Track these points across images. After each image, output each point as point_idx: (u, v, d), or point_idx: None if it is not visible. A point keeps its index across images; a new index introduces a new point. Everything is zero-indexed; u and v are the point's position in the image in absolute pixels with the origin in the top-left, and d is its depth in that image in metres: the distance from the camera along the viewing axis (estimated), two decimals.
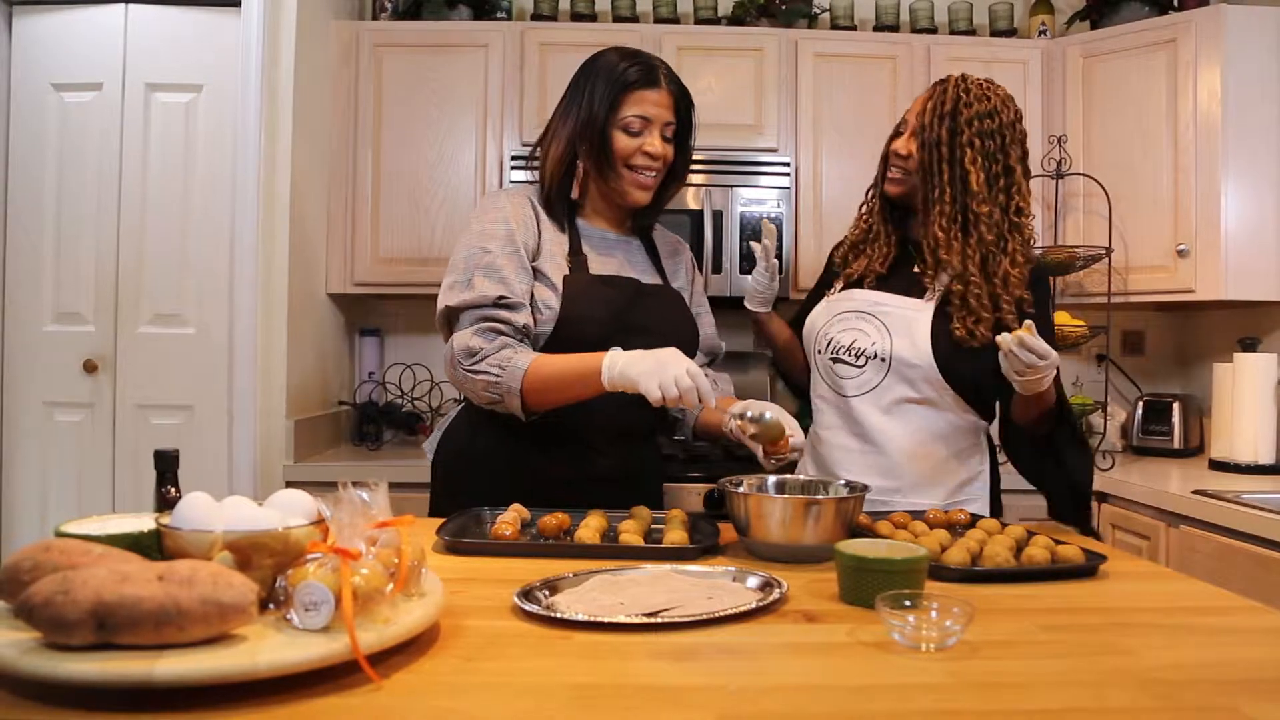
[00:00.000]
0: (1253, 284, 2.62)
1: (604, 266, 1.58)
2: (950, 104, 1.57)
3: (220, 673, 0.69)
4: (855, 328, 1.64)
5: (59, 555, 0.80)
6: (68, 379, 2.70)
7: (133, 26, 2.69)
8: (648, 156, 1.54)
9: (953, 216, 1.56)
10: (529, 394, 1.42)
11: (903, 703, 0.74)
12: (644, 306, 1.57)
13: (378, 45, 2.81)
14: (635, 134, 1.53)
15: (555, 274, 1.52)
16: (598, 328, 1.50)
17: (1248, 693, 0.77)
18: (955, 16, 3.10)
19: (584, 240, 1.60)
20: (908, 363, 1.58)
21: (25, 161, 2.71)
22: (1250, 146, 2.60)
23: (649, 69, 1.54)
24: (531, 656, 0.84)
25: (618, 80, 1.52)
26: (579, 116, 1.54)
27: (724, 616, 0.94)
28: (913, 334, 1.59)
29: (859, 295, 1.67)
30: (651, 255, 1.68)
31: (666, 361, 1.31)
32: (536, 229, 1.55)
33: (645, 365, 1.32)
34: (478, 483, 1.55)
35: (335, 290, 2.83)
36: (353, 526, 0.83)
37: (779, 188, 2.77)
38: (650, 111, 1.53)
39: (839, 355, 1.64)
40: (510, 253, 1.50)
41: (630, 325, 1.52)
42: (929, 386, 1.58)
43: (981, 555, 1.19)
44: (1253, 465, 2.49)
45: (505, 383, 1.41)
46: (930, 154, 1.58)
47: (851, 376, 1.62)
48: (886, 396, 1.60)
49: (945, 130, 1.56)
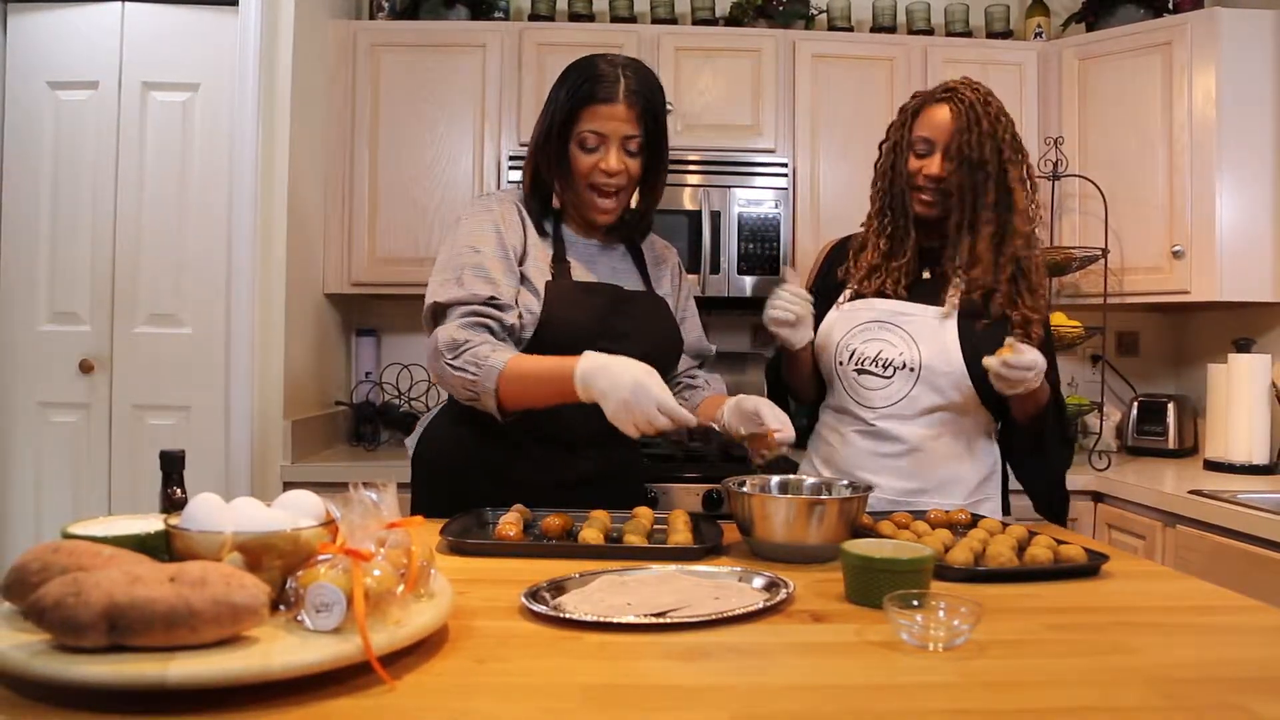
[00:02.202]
0: (1247, 285, 2.63)
1: (587, 273, 1.58)
2: (986, 122, 1.54)
3: (235, 674, 0.69)
4: (879, 338, 1.62)
5: (68, 556, 0.80)
6: (63, 379, 2.69)
7: (129, 25, 2.68)
8: (604, 174, 1.50)
9: (995, 235, 1.56)
10: (504, 394, 1.39)
11: (916, 702, 0.74)
12: (625, 313, 1.55)
13: (375, 45, 2.81)
14: (591, 150, 1.49)
15: (538, 279, 1.52)
16: (578, 333, 1.49)
17: (1256, 691, 0.78)
18: (952, 18, 3.11)
19: (568, 247, 1.59)
20: (938, 371, 1.58)
21: (20, 160, 2.69)
22: (1245, 148, 2.62)
23: (606, 82, 1.48)
24: (542, 657, 0.84)
25: (573, 94, 1.49)
26: (541, 130, 1.53)
27: (732, 616, 0.94)
28: (942, 343, 1.59)
29: (880, 305, 1.64)
30: (637, 262, 1.67)
31: (633, 404, 1.26)
32: (523, 233, 1.55)
33: (611, 406, 1.28)
34: (456, 481, 1.54)
35: (332, 290, 2.83)
36: (363, 528, 0.83)
37: (776, 188, 2.77)
38: (605, 127, 1.48)
39: (864, 366, 1.62)
40: (500, 255, 1.49)
41: (610, 331, 1.51)
42: (956, 392, 1.59)
43: (985, 555, 1.20)
44: (1247, 465, 2.51)
45: (481, 381, 1.39)
46: (974, 174, 1.54)
47: (879, 388, 1.61)
48: (914, 406, 1.59)
49: (989, 150, 1.53)
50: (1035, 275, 1.61)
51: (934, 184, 1.58)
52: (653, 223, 1.69)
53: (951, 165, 1.55)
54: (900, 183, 1.63)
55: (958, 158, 1.54)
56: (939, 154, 1.57)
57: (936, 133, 1.57)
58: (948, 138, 1.55)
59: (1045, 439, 1.63)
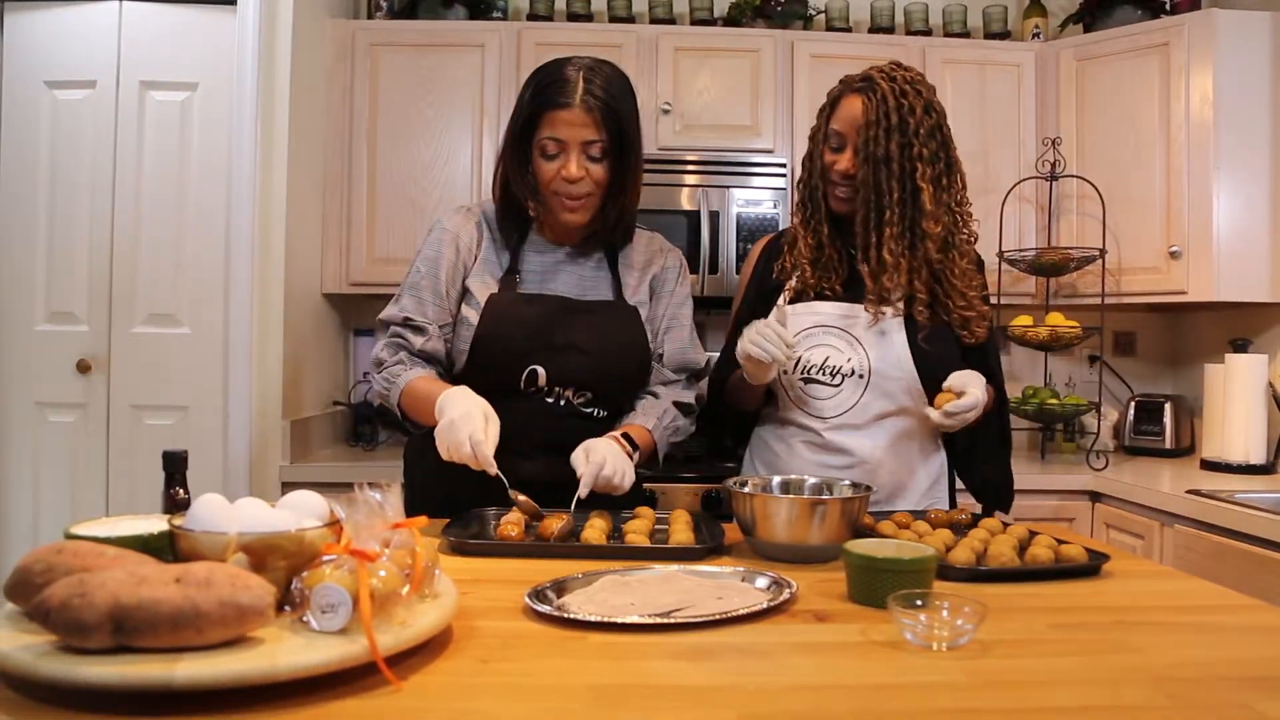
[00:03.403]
0: (1244, 285, 2.64)
1: (541, 285, 1.56)
2: (895, 116, 1.46)
3: (241, 675, 0.69)
4: (825, 344, 1.56)
5: (72, 557, 0.80)
6: (60, 379, 2.68)
7: (127, 24, 2.68)
8: (564, 181, 1.47)
9: (900, 236, 1.49)
10: (407, 410, 1.48)
11: (923, 701, 0.75)
12: (570, 324, 1.53)
13: (373, 44, 2.80)
14: (552, 157, 1.47)
15: (482, 293, 1.53)
16: (513, 346, 1.50)
17: (1259, 690, 0.78)
18: (950, 19, 3.11)
19: (528, 259, 1.58)
20: (888, 376, 1.53)
21: (18, 159, 2.69)
22: (1242, 149, 2.63)
23: (562, 86, 1.44)
24: (547, 657, 0.84)
25: (531, 100, 1.48)
26: (506, 137, 1.53)
27: (737, 616, 0.94)
28: (891, 346, 1.54)
29: (822, 309, 1.57)
30: (613, 269, 1.61)
31: (449, 431, 1.32)
32: (475, 248, 1.57)
33: (442, 424, 1.34)
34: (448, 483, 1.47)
35: (330, 290, 2.82)
36: (369, 528, 0.83)
37: (775, 189, 2.77)
38: (563, 133, 1.45)
39: (811, 375, 1.56)
40: (432, 276, 1.54)
41: (551, 344, 1.51)
42: (907, 396, 1.54)
43: (986, 555, 1.20)
44: (1244, 465, 2.51)
45: (390, 398, 1.49)
46: (878, 172, 1.47)
47: (828, 396, 1.56)
48: (865, 414, 1.55)
49: (895, 146, 1.46)
50: (957, 279, 1.53)
51: (845, 180, 1.52)
52: (633, 227, 1.63)
53: (863, 162, 1.48)
54: (817, 177, 1.57)
55: (863, 153, 1.48)
56: (850, 149, 1.51)
57: (847, 126, 1.51)
58: (857, 132, 1.49)
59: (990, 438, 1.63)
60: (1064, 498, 2.52)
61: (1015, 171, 2.83)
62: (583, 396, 1.55)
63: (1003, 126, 2.87)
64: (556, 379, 1.53)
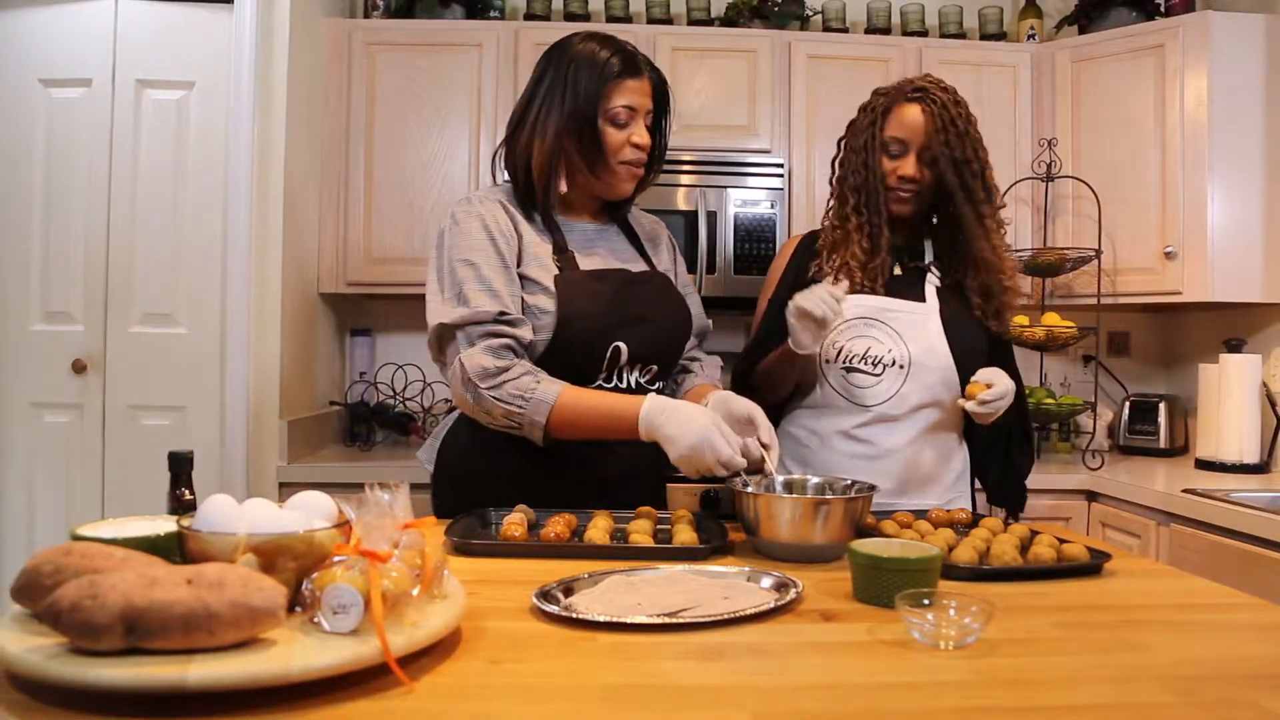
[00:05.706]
0: (1238, 286, 2.66)
1: (591, 261, 1.54)
2: (963, 120, 1.58)
3: (254, 677, 0.69)
4: (866, 335, 1.62)
5: (80, 559, 0.79)
6: (56, 379, 2.67)
7: (123, 22, 2.66)
8: (635, 148, 1.50)
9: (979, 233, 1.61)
10: (556, 427, 1.39)
11: (933, 700, 0.75)
12: (637, 296, 1.53)
13: (370, 44, 2.80)
14: (622, 125, 1.49)
15: (544, 276, 1.48)
16: (595, 324, 1.47)
17: (1265, 688, 0.79)
18: (945, 20, 3.12)
19: (566, 236, 1.55)
20: (926, 367, 1.60)
21: (12, 159, 2.67)
22: (1236, 150, 2.65)
23: (630, 57, 1.50)
24: (557, 657, 0.84)
25: (602, 70, 1.48)
26: (564, 109, 1.49)
27: (745, 616, 0.94)
28: (928, 338, 1.61)
29: (864, 301, 1.63)
30: (633, 241, 1.64)
31: (694, 457, 1.30)
32: (515, 233, 1.51)
33: (676, 452, 1.31)
34: (484, 488, 1.49)
35: (327, 290, 2.81)
36: (379, 528, 0.83)
37: (772, 189, 2.78)
38: (635, 101, 1.49)
39: (853, 364, 1.62)
40: (498, 264, 1.45)
41: (626, 318, 1.50)
42: (943, 388, 1.61)
43: (989, 554, 1.21)
44: (1238, 464, 2.53)
45: (529, 415, 1.37)
46: (960, 174, 1.58)
47: (869, 385, 1.61)
48: (904, 404, 1.60)
49: (970, 148, 1.57)
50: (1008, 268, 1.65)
51: (909, 184, 1.61)
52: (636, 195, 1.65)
53: (926, 166, 1.59)
54: (875, 183, 1.62)
55: (941, 158, 1.57)
56: (913, 155, 1.59)
57: (909, 133, 1.59)
58: (922, 138, 1.58)
59: (1011, 434, 1.68)
60: (1060, 497, 2.53)
61: (1011, 172, 2.84)
62: (649, 372, 1.55)
63: (998, 127, 2.87)
64: (635, 354, 1.51)
